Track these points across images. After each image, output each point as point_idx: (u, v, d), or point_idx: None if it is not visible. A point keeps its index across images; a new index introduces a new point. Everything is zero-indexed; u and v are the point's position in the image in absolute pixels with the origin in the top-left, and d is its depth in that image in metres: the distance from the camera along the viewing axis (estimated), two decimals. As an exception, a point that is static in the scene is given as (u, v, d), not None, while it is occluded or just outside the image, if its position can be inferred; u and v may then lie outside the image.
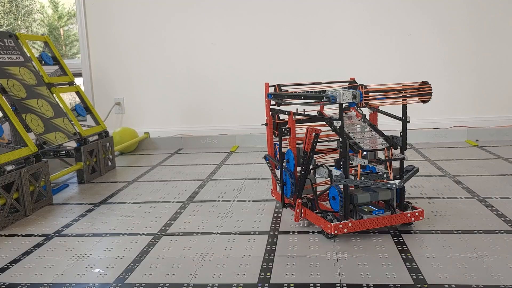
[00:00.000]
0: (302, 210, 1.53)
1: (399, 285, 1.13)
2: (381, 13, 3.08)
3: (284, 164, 1.60)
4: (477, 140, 2.98)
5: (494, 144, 2.84)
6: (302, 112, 1.58)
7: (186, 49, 3.27)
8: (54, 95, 2.36)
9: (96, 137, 2.49)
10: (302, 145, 1.50)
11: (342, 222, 1.39)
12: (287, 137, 1.61)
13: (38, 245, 1.51)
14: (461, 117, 3.11)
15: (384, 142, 1.44)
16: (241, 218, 1.68)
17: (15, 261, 1.39)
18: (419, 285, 1.12)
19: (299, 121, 1.62)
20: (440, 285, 1.12)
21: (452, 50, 3.06)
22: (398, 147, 1.46)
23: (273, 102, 1.69)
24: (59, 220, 1.76)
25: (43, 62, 2.47)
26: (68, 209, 1.89)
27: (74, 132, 2.31)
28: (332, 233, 1.38)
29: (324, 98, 1.34)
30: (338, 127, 1.35)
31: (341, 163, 1.39)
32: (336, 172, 1.39)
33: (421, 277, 1.17)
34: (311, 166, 1.50)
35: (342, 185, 1.39)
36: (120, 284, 1.21)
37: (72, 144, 2.41)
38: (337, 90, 1.35)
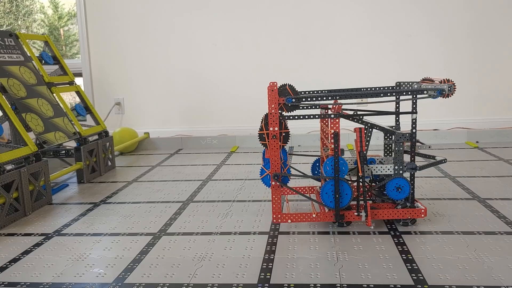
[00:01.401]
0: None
1: (399, 286, 1.13)
2: (381, 15, 3.08)
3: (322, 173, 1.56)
4: (477, 142, 2.98)
5: (494, 145, 2.84)
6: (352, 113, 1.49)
7: (186, 49, 3.27)
8: (54, 94, 2.36)
9: (96, 137, 2.49)
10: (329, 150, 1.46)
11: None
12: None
13: (38, 245, 1.50)
14: (461, 118, 3.11)
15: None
16: (241, 218, 1.67)
17: (15, 260, 1.39)
18: (420, 286, 1.12)
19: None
20: (440, 286, 1.12)
21: (452, 51, 3.06)
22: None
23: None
24: (59, 219, 1.76)
25: (43, 61, 2.47)
26: (67, 209, 1.89)
27: (74, 131, 2.30)
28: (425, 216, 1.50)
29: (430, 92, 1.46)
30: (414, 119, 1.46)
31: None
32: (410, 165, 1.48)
33: (422, 277, 1.16)
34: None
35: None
36: (120, 284, 1.20)
37: (72, 144, 2.41)
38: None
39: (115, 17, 3.30)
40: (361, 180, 1.46)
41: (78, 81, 2.77)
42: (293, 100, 1.42)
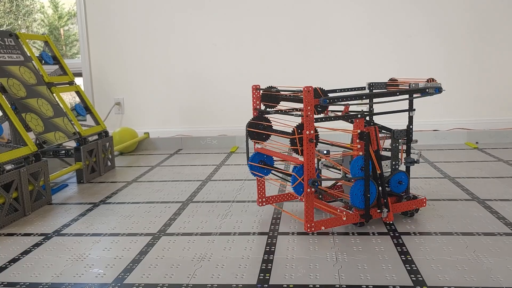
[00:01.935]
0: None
1: (398, 287, 1.13)
2: (381, 15, 3.08)
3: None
4: (477, 142, 2.98)
5: (494, 146, 2.84)
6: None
7: (186, 49, 3.27)
8: (54, 94, 2.36)
9: (95, 137, 2.49)
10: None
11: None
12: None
13: (37, 245, 1.50)
14: (461, 119, 3.11)
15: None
16: (241, 218, 1.67)
17: (14, 260, 1.39)
18: (419, 287, 1.12)
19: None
20: (439, 286, 1.12)
21: (452, 52, 3.06)
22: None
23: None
24: (58, 219, 1.76)
25: (43, 61, 2.47)
26: (67, 209, 1.89)
27: (74, 131, 2.31)
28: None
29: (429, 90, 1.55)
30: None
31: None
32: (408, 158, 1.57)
33: (421, 278, 1.16)
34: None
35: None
36: (119, 284, 1.20)
37: (72, 144, 2.41)
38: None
39: (115, 17, 3.30)
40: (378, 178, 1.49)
41: (78, 81, 2.77)
42: (328, 101, 1.39)
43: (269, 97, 1.63)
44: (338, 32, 3.12)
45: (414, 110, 1.60)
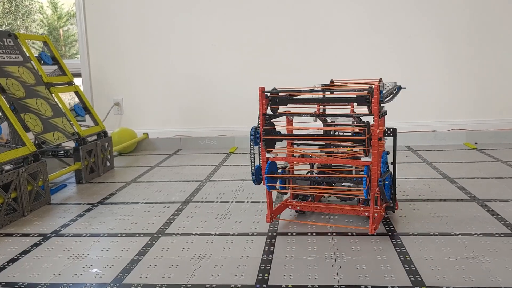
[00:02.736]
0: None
1: (397, 287, 1.13)
2: (381, 15, 3.08)
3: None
4: (475, 143, 2.99)
5: (493, 147, 2.84)
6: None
7: (185, 49, 3.27)
8: (53, 94, 2.36)
9: (94, 137, 2.49)
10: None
11: None
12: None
13: (36, 245, 1.50)
14: (460, 120, 3.11)
15: None
16: (240, 219, 1.67)
17: (13, 260, 1.39)
18: (418, 287, 1.12)
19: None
20: (438, 287, 1.12)
21: (451, 53, 3.07)
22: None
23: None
24: (57, 220, 1.76)
25: (42, 61, 2.47)
26: (66, 209, 1.89)
27: (73, 132, 2.30)
28: None
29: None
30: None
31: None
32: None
33: (420, 279, 1.16)
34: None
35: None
36: (118, 284, 1.20)
37: (71, 144, 2.40)
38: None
39: (114, 17, 3.30)
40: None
41: (77, 81, 2.77)
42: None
43: (282, 100, 1.49)
44: (338, 32, 3.12)
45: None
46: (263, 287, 1.16)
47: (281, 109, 1.51)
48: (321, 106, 1.67)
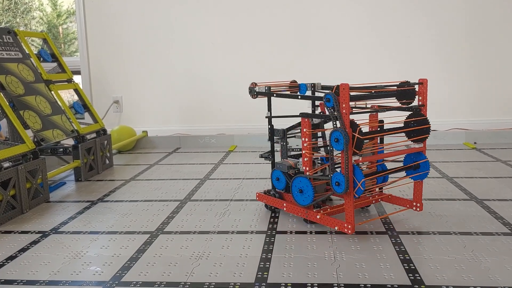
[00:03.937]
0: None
1: (396, 286, 1.13)
2: (380, 15, 3.08)
3: None
4: (475, 143, 2.99)
5: (492, 146, 2.84)
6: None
7: (185, 48, 3.26)
8: (52, 92, 2.35)
9: (94, 135, 2.49)
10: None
11: None
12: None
13: (35, 242, 1.50)
14: (459, 119, 3.11)
15: None
16: (239, 217, 1.67)
17: (11, 258, 1.38)
18: (417, 286, 1.12)
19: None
20: (437, 286, 1.12)
21: (451, 52, 3.07)
22: None
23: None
24: (56, 217, 1.75)
25: (41, 59, 2.46)
26: (65, 207, 1.89)
27: (72, 129, 2.30)
28: None
29: None
30: None
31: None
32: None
33: (419, 278, 1.16)
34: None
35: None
36: (117, 282, 1.20)
37: (70, 142, 2.40)
38: None
39: (114, 15, 3.29)
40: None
41: (77, 79, 2.77)
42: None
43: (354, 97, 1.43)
44: (338, 32, 3.12)
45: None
46: (262, 285, 1.16)
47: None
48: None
